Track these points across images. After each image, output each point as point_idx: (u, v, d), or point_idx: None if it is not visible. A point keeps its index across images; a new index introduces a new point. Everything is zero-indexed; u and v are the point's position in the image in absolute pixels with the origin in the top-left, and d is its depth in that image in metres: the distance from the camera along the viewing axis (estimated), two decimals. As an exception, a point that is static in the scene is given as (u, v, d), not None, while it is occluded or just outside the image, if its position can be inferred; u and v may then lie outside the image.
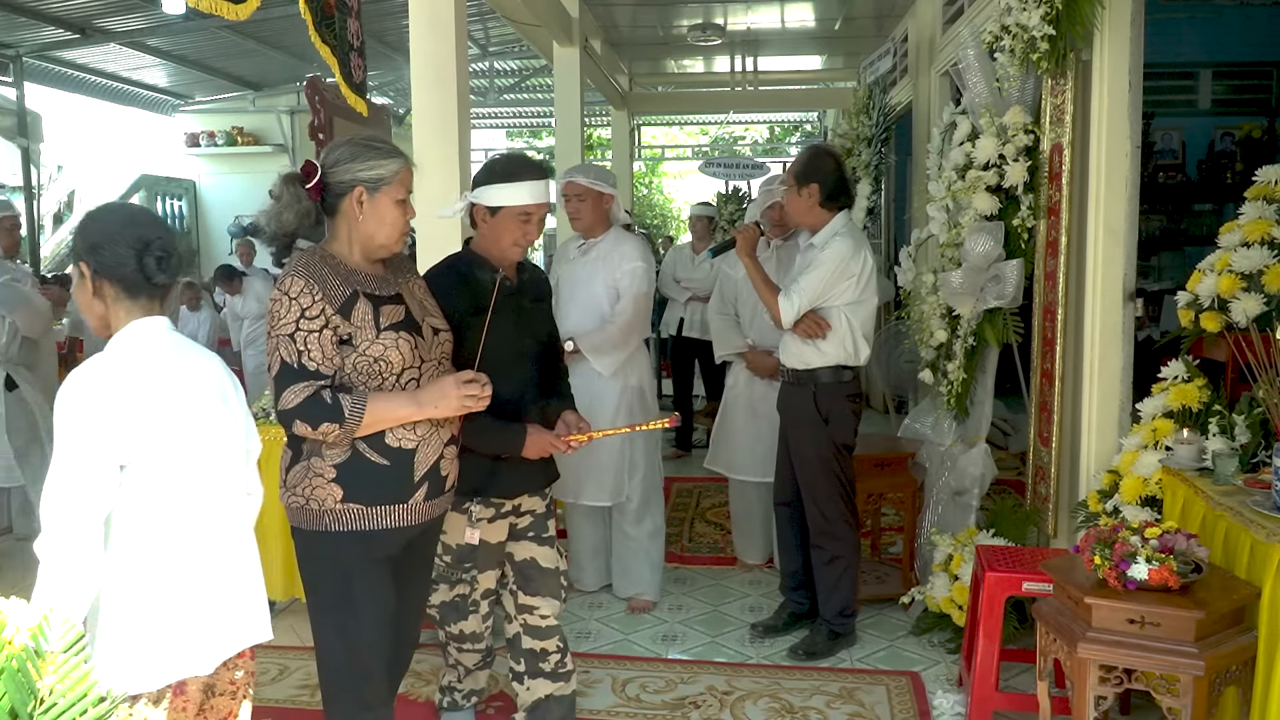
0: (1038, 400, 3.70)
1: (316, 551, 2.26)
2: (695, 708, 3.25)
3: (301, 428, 2.13)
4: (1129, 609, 2.28)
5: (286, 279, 2.16)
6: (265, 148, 11.88)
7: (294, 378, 2.12)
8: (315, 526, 2.22)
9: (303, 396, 2.11)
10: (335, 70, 3.51)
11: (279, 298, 2.15)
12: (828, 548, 3.62)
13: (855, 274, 3.50)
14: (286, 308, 2.13)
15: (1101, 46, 3.27)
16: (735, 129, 18.17)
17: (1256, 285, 2.79)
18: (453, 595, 2.87)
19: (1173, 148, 7.92)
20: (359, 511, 2.21)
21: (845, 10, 8.24)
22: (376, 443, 2.22)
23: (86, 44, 8.66)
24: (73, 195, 12.00)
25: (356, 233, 2.24)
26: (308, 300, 2.13)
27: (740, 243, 3.58)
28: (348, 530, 2.22)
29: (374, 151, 2.24)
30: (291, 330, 2.12)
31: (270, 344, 2.16)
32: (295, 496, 2.24)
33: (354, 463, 2.21)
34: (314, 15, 3.29)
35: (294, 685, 3.47)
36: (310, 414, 2.11)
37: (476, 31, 9.69)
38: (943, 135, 4.26)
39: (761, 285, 3.55)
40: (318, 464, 2.21)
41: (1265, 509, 2.36)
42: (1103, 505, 3.07)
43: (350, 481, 2.20)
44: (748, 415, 4.40)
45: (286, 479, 2.26)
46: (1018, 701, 3.04)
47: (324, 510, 2.21)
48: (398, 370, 2.22)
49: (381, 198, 2.23)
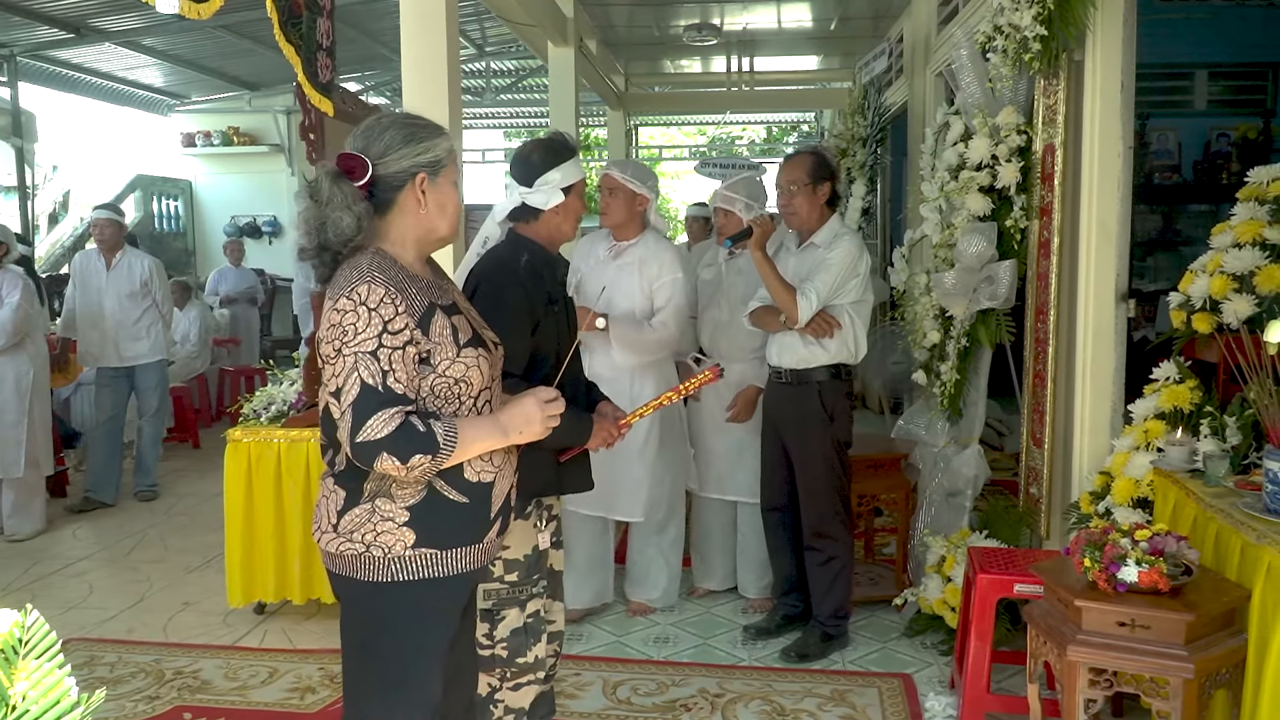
0: (1030, 401, 3.69)
1: (379, 605, 1.96)
2: (686, 710, 3.24)
3: (387, 463, 1.81)
4: (1119, 611, 2.27)
5: (363, 286, 1.84)
6: (262, 148, 11.86)
7: (379, 403, 1.81)
8: (379, 577, 1.93)
9: (394, 425, 1.80)
10: (298, 70, 3.49)
11: (352, 309, 1.83)
12: (823, 549, 3.61)
13: (861, 273, 3.52)
14: (365, 320, 1.82)
15: (1094, 47, 3.26)
16: (733, 129, 18.18)
17: (1248, 286, 2.78)
18: (524, 618, 2.50)
19: (1169, 148, 7.93)
20: (432, 557, 1.94)
21: (841, 10, 8.24)
22: (455, 478, 1.95)
23: (81, 43, 8.65)
24: (68, 195, 11.98)
25: (415, 227, 1.98)
26: (390, 311, 1.84)
27: (756, 235, 3.49)
28: (420, 579, 1.94)
29: (425, 130, 1.98)
30: (374, 347, 1.82)
31: (342, 363, 1.83)
32: (351, 543, 1.93)
33: (430, 502, 1.94)
34: (280, 14, 3.27)
35: (284, 688, 3.45)
36: (400, 446, 1.80)
37: (473, 31, 9.69)
38: (936, 135, 4.26)
39: (775, 283, 3.47)
40: (386, 506, 1.92)
41: (1256, 511, 2.35)
42: (1095, 507, 3.06)
43: (425, 524, 1.93)
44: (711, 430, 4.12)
45: (339, 523, 1.95)
46: (1009, 704, 3.03)
47: (391, 557, 1.92)
48: (476, 392, 1.98)
49: (443, 181, 1.98)
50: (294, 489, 3.95)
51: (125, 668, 3.64)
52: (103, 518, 5.75)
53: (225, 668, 3.63)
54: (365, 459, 1.83)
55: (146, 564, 4.88)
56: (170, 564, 4.87)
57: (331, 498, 1.98)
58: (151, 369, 6.11)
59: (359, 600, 1.99)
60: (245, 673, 3.59)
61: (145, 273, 6.03)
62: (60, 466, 6.17)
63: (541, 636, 2.53)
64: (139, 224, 11.06)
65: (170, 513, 5.82)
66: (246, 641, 3.90)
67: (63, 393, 6.79)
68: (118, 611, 4.25)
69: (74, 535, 5.43)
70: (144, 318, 6.02)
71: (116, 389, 6.05)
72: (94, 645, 3.84)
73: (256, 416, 4.16)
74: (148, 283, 6.03)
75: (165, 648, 3.83)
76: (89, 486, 5.95)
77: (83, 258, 6.17)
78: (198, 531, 5.35)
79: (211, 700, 3.38)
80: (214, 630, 4.01)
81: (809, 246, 3.59)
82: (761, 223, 3.52)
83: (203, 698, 3.40)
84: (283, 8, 3.28)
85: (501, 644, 2.47)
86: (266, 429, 4.02)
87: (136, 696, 3.40)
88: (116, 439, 6.03)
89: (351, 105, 4.41)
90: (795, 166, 3.61)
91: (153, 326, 6.07)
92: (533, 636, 2.50)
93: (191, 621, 4.12)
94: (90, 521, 5.68)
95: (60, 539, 5.35)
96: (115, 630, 4.03)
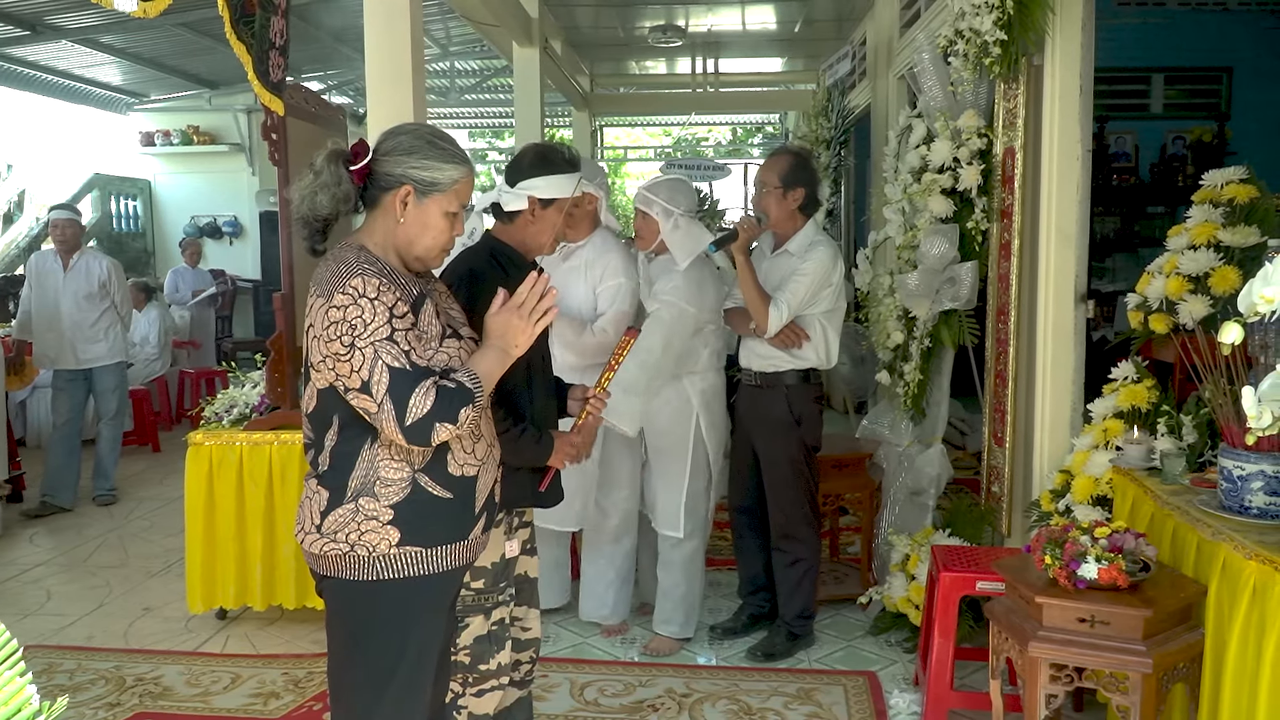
0: (992, 401, 3.74)
1: (365, 605, 1.97)
2: (654, 710, 3.25)
3: (443, 432, 1.85)
4: (1079, 608, 2.31)
5: (356, 279, 1.85)
6: (222, 147, 11.70)
7: (413, 382, 1.83)
8: (364, 576, 1.94)
9: (433, 396, 1.83)
10: (248, 69, 3.44)
11: (352, 302, 1.84)
12: (790, 550, 3.63)
13: (834, 283, 3.52)
14: (371, 311, 1.84)
15: (1053, 52, 3.31)
16: (699, 130, 18.20)
17: (1203, 288, 2.83)
18: (489, 625, 2.48)
19: (1126, 151, 8.05)
20: (417, 555, 1.95)
21: (805, 13, 8.29)
22: (438, 473, 1.97)
23: (37, 41, 8.48)
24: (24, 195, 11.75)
25: (394, 234, 1.98)
26: (390, 298, 1.87)
27: (741, 238, 3.46)
28: (405, 577, 1.95)
29: (436, 151, 1.99)
30: (388, 333, 1.84)
31: (359, 359, 1.83)
32: (335, 543, 1.93)
33: (414, 499, 1.94)
34: (232, 12, 3.22)
35: (246, 694, 3.42)
36: (447, 410, 1.84)
37: (437, 31, 9.63)
38: (899, 138, 4.30)
39: (752, 289, 3.45)
40: (369, 505, 1.93)
41: (1211, 508, 2.39)
42: (1055, 505, 3.10)
43: (409, 521, 1.94)
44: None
45: (322, 524, 1.95)
46: (972, 700, 3.07)
47: (375, 556, 1.93)
48: None
49: (430, 205, 1.98)
50: (256, 493, 3.90)
51: (85, 675, 3.59)
52: (60, 522, 5.65)
53: (187, 674, 3.59)
54: (420, 438, 1.85)
55: (106, 569, 4.81)
56: (130, 569, 4.80)
57: (315, 498, 1.97)
58: (110, 371, 6.02)
59: (345, 600, 1.98)
60: (207, 679, 3.54)
61: (103, 274, 5.95)
62: (16, 471, 6.06)
63: (506, 644, 2.49)
64: (97, 224, 10.88)
65: (130, 517, 5.73)
66: (208, 647, 3.85)
67: (18, 396, 6.67)
68: (77, 618, 4.18)
69: (31, 540, 5.34)
70: (102, 319, 5.94)
71: (74, 392, 5.96)
72: (52, 652, 3.78)
73: (218, 419, 4.11)
74: (106, 284, 5.94)
75: (126, 654, 3.78)
76: (46, 491, 5.85)
77: (39, 258, 6.07)
78: (158, 536, 5.29)
79: (173, 707, 3.34)
80: (175, 636, 3.96)
81: (783, 253, 3.58)
82: (746, 226, 3.49)
83: (164, 704, 3.35)
84: (235, 5, 3.23)
85: (464, 650, 2.44)
86: (228, 432, 3.97)
87: (97, 704, 3.36)
88: (74, 442, 5.93)
89: (314, 105, 4.37)
90: (769, 167, 3.60)
91: (111, 328, 5.98)
92: (496, 644, 2.48)
93: (152, 627, 4.06)
94: (47, 526, 5.59)
95: (17, 544, 5.25)
96: (74, 637, 3.97)
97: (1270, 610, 2.01)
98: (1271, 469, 2.26)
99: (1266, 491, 2.27)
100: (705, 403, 3.69)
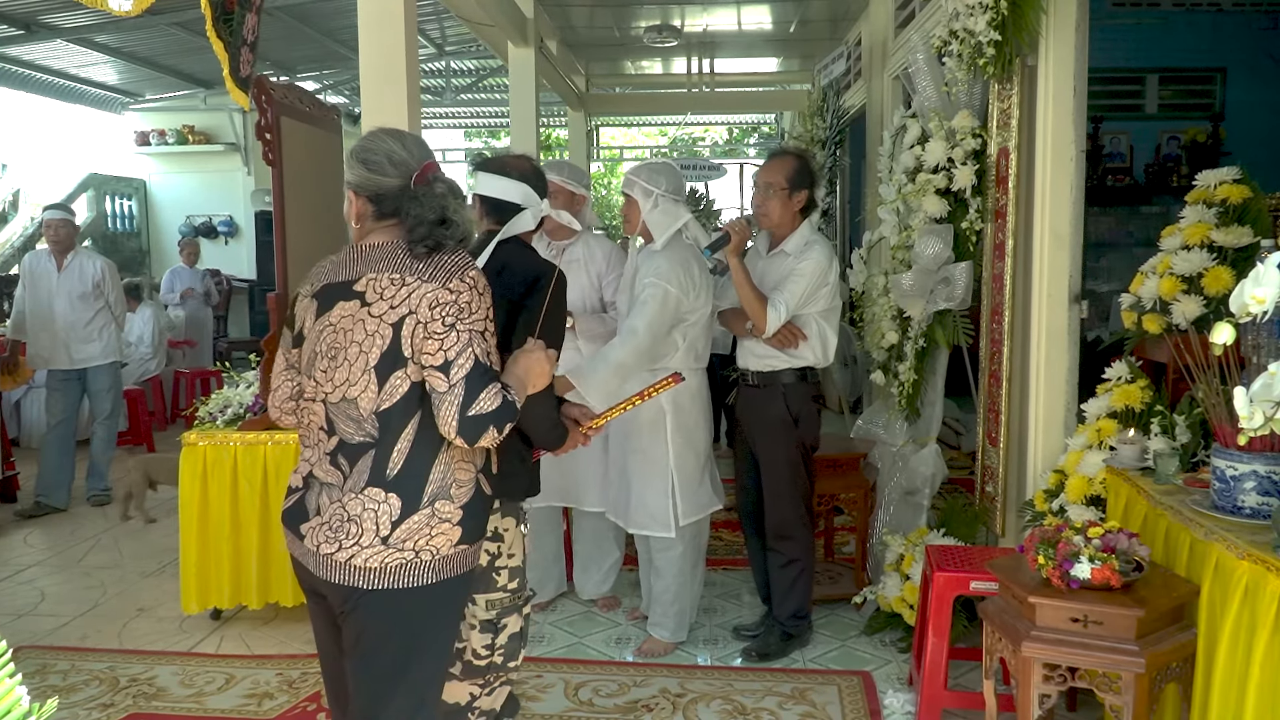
0: (986, 401, 3.74)
1: (419, 608, 1.97)
2: (648, 710, 3.25)
3: (490, 435, 1.90)
4: (1072, 608, 2.31)
5: (474, 272, 1.96)
6: (217, 146, 11.71)
7: (488, 378, 1.91)
8: (422, 581, 1.94)
9: (498, 401, 1.89)
10: (224, 66, 3.45)
11: (466, 290, 1.92)
12: (785, 551, 3.63)
13: (830, 282, 3.52)
14: (477, 302, 1.93)
15: (1046, 52, 3.31)
16: (694, 130, 18.20)
17: (1196, 288, 2.84)
18: (522, 622, 2.50)
19: (1121, 151, 8.07)
20: (465, 553, 2.00)
21: (800, 13, 8.29)
22: (488, 472, 2.06)
23: (32, 40, 8.48)
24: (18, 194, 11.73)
25: None
26: (489, 300, 1.98)
27: (734, 241, 3.45)
28: (456, 575, 1.99)
29: None
30: (483, 328, 1.93)
31: (452, 339, 1.88)
32: (401, 553, 1.92)
33: (476, 499, 2.02)
34: (214, 10, 3.23)
35: (241, 695, 3.41)
36: (502, 418, 1.90)
37: (432, 31, 9.63)
38: (893, 138, 4.30)
39: (748, 291, 3.44)
40: (444, 508, 1.95)
41: (1204, 508, 2.39)
42: (1049, 505, 3.10)
43: (466, 521, 1.99)
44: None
45: (391, 535, 1.91)
46: (966, 700, 3.07)
47: (439, 559, 1.95)
48: None
49: None
50: (250, 493, 3.90)
51: (78, 675, 3.58)
52: (54, 523, 5.64)
53: (181, 674, 3.58)
54: (471, 434, 1.88)
55: (100, 570, 4.80)
56: (124, 569, 4.79)
57: (382, 507, 1.93)
58: (104, 371, 6.01)
59: (395, 608, 1.95)
60: (201, 679, 3.54)
61: (97, 274, 5.94)
62: (10, 471, 6.05)
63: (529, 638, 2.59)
64: (92, 224, 10.87)
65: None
66: (203, 648, 3.85)
67: (13, 396, 6.66)
68: (70, 618, 4.17)
69: (25, 541, 5.33)
70: (96, 319, 5.93)
71: (68, 392, 5.95)
72: (46, 653, 3.77)
73: (213, 419, 4.10)
74: (100, 284, 5.93)
75: (119, 655, 3.77)
76: (40, 491, 5.83)
77: (33, 258, 6.06)
78: (152, 536, 5.27)
79: (167, 708, 3.33)
80: (169, 636, 3.96)
81: (779, 254, 3.58)
82: (739, 229, 3.49)
83: (158, 705, 3.35)
84: (216, 4, 3.23)
85: (500, 650, 2.45)
86: (223, 432, 3.96)
87: (90, 704, 3.35)
88: (68, 443, 5.92)
89: (309, 104, 4.36)
90: (775, 169, 3.58)
91: (105, 328, 5.97)
92: (525, 640, 2.53)
93: (146, 628, 4.06)
94: (41, 526, 5.58)
95: (10, 545, 5.24)
96: (68, 637, 3.96)
97: (1261, 610, 2.01)
98: (1264, 469, 2.26)
99: (1259, 492, 2.27)
100: (677, 405, 3.60)
